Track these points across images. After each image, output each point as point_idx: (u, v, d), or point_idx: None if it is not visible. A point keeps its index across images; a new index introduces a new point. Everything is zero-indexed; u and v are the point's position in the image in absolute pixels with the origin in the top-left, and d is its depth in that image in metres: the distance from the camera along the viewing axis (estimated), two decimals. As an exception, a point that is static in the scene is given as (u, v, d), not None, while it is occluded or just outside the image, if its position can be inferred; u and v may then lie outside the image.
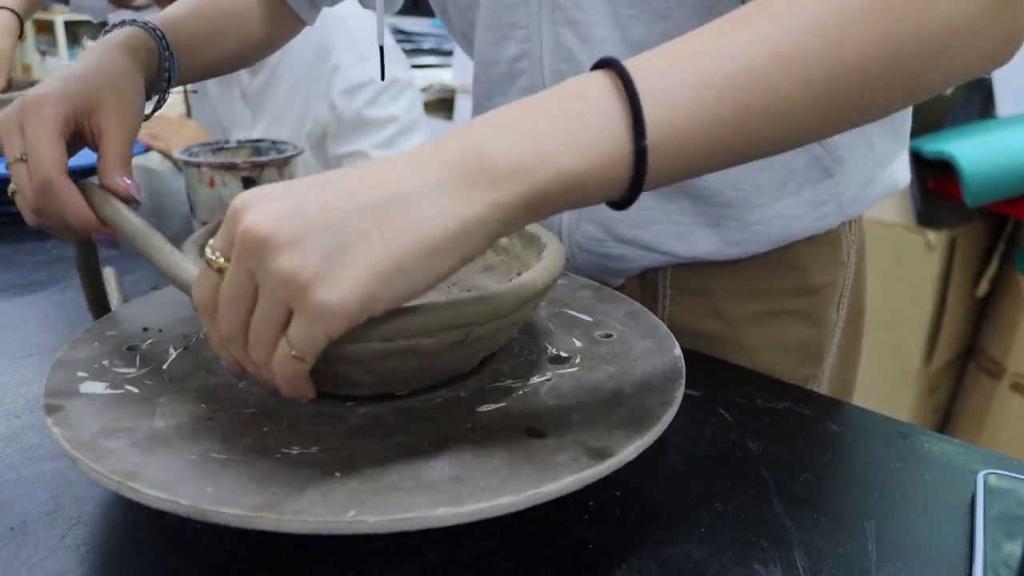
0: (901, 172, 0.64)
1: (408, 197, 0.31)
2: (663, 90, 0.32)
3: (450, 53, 2.67)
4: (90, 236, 0.49)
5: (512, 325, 0.40)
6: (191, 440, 0.36)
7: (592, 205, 0.34)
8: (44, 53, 4.23)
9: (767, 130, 0.34)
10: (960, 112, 1.59)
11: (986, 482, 0.40)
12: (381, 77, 0.61)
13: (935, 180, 1.49)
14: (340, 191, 0.31)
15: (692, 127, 0.32)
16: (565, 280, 0.55)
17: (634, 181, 0.33)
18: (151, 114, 0.58)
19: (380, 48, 0.60)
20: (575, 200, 0.33)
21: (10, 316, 0.63)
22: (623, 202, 0.34)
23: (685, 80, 0.32)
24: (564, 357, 0.45)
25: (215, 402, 0.40)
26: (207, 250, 0.33)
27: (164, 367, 0.43)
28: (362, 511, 0.31)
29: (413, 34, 2.78)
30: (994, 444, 1.46)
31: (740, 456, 0.43)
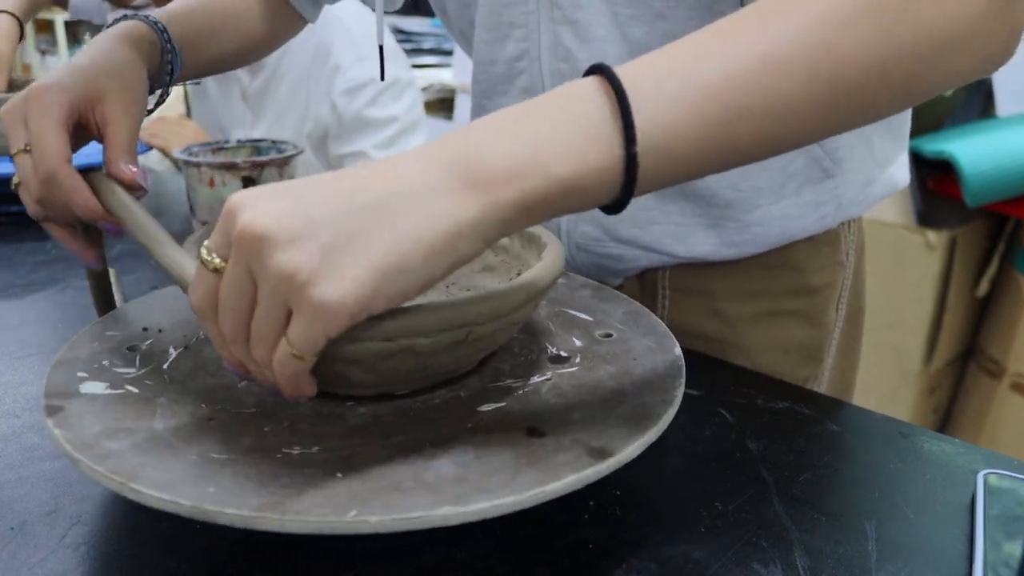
0: (901, 173, 0.64)
1: (408, 197, 0.31)
2: (657, 95, 0.32)
3: (450, 53, 2.67)
4: (96, 225, 0.49)
5: (512, 325, 0.40)
6: (191, 441, 0.36)
7: (588, 210, 0.34)
8: (44, 53, 4.22)
9: (767, 131, 0.34)
10: (960, 112, 1.59)
11: (986, 482, 0.40)
12: (381, 77, 0.60)
13: (935, 180, 1.49)
14: (340, 190, 0.31)
15: (688, 131, 0.32)
16: (565, 280, 0.55)
17: (625, 187, 0.33)
18: (153, 109, 0.57)
19: (380, 48, 0.60)
20: (571, 205, 0.33)
21: (10, 316, 0.63)
22: (615, 206, 0.34)
23: (685, 83, 0.32)
24: (564, 356, 0.45)
25: (215, 402, 0.40)
26: (202, 251, 0.33)
27: (164, 367, 0.43)
28: (364, 511, 0.30)
29: (413, 34, 2.77)
30: (994, 444, 1.46)
31: (740, 456, 0.43)
